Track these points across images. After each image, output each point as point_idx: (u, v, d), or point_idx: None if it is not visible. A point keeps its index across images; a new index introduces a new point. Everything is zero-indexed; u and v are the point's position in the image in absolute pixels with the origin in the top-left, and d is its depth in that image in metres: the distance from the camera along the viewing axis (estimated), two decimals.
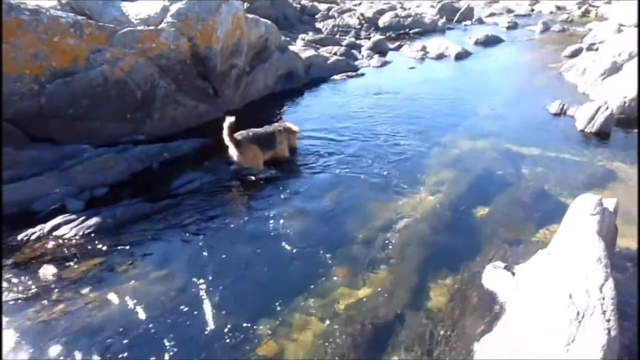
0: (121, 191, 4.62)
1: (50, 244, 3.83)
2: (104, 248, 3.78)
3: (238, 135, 4.95)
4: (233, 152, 4.97)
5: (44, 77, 4.99)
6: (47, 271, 3.51)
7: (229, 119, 4.81)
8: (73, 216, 4.11)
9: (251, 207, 4.45)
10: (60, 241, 3.86)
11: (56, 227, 4.00)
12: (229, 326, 2.99)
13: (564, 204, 4.11)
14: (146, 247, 3.82)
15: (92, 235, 3.93)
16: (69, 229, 3.97)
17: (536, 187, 4.71)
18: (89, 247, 3.79)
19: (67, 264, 3.59)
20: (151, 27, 5.95)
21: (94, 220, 4.05)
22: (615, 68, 7.61)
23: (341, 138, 5.90)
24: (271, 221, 4.17)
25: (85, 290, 3.33)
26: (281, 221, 4.16)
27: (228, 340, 2.88)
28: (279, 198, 4.57)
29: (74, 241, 3.86)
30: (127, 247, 3.80)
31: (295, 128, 5.45)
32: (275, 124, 5.43)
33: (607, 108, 6.02)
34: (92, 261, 3.63)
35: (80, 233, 3.93)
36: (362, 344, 2.88)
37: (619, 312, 2.43)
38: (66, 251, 3.74)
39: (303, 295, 3.26)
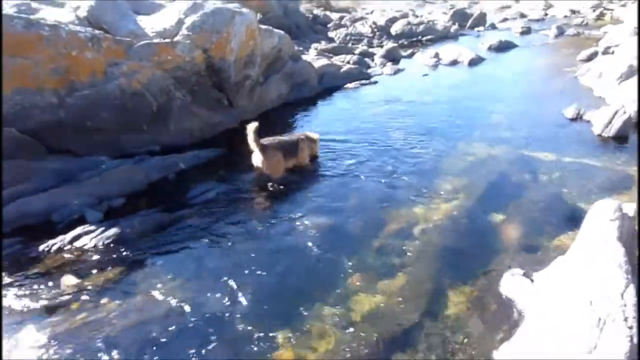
0: (139, 201, 4.68)
1: (71, 254, 3.89)
2: (123, 258, 3.83)
3: (264, 141, 5.01)
4: (257, 157, 5.02)
5: (64, 90, 5.10)
6: (68, 281, 3.56)
7: (253, 124, 4.85)
8: (92, 227, 4.18)
9: (267, 215, 4.48)
10: (81, 251, 3.92)
11: (76, 238, 4.06)
12: (247, 333, 3.00)
13: (582, 210, 4.06)
14: (165, 256, 3.86)
15: (112, 245, 3.98)
16: (89, 239, 4.04)
17: (553, 192, 4.66)
18: (109, 257, 3.85)
19: (88, 274, 3.65)
20: (167, 40, 6.05)
21: (112, 230, 4.11)
22: (632, 72, 7.51)
23: (355, 146, 5.91)
24: (288, 229, 4.19)
25: (105, 300, 3.37)
26: (298, 228, 4.18)
27: (247, 348, 2.90)
28: (295, 205, 4.60)
29: (93, 251, 3.92)
30: (146, 257, 3.85)
31: (315, 137, 5.52)
32: (297, 133, 5.55)
33: (625, 112, 5.95)
34: (112, 271, 3.68)
35: (100, 243, 3.99)
36: (380, 352, 2.87)
37: None
38: (86, 261, 3.80)
39: (321, 303, 3.27)
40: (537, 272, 3.34)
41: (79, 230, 4.14)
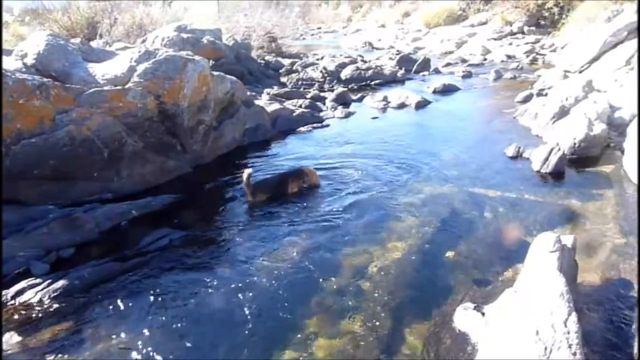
0: (89, 251, 4.54)
1: (14, 310, 3.71)
2: (72, 312, 3.68)
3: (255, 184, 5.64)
4: (249, 198, 5.58)
5: (9, 138, 4.97)
6: (11, 339, 3.38)
7: (247, 171, 5.48)
8: (38, 280, 4.00)
9: (222, 260, 4.44)
10: (25, 307, 3.74)
11: (20, 292, 3.88)
12: None
13: (526, 243, 4.26)
14: (116, 307, 3.74)
15: (59, 298, 3.82)
16: (34, 293, 3.86)
17: (499, 227, 4.89)
18: (56, 311, 3.69)
19: (32, 330, 3.48)
20: (118, 87, 6.04)
21: (60, 282, 3.95)
22: (563, 112, 8.09)
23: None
24: (242, 273, 4.17)
25: (50, 358, 3.22)
26: (253, 272, 4.17)
27: None
28: (248, 249, 4.59)
29: (39, 306, 3.75)
30: (96, 310, 3.71)
31: (308, 170, 6.01)
32: (293, 169, 6.11)
33: (559, 149, 6.37)
34: (59, 326, 3.53)
35: (46, 297, 3.82)
36: None
37: (584, 344, 2.53)
38: (31, 317, 3.63)
39: (281, 349, 3.25)
40: (488, 305, 3.47)
41: (23, 284, 3.96)
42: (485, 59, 18.51)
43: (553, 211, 5.21)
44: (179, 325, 3.51)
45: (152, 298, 3.85)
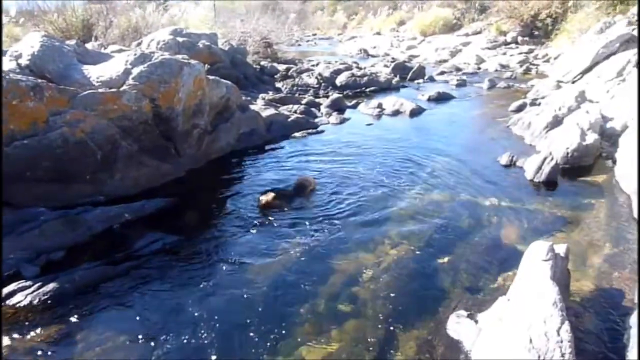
0: (80, 254, 4.49)
1: (4, 313, 3.66)
2: (62, 315, 3.64)
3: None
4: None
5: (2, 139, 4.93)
6: None
7: (269, 196, 5.56)
8: (28, 282, 3.96)
9: (215, 265, 4.42)
10: (14, 310, 3.70)
11: (10, 295, 3.83)
12: None
13: (520, 251, 4.28)
14: (107, 312, 3.71)
15: (49, 301, 3.78)
16: (24, 296, 3.82)
17: (493, 235, 4.91)
18: (45, 314, 3.65)
19: (21, 333, 3.44)
20: (113, 89, 6.01)
21: (50, 286, 3.91)
22: (556, 121, 8.16)
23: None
24: (235, 278, 4.16)
25: None
26: (247, 277, 4.15)
27: None
28: (243, 253, 4.57)
29: (29, 309, 3.71)
30: (86, 313, 3.68)
31: (306, 182, 6.06)
32: (297, 183, 6.06)
33: (552, 159, 6.41)
34: (49, 330, 3.49)
35: (36, 300, 3.78)
36: None
37: (576, 352, 2.54)
38: (20, 320, 3.59)
39: (272, 355, 3.23)
40: (481, 312, 3.48)
41: (13, 286, 3.91)
42: (479, 68, 18.60)
43: (546, 220, 5.24)
44: (168, 330, 3.48)
45: (143, 302, 3.83)
